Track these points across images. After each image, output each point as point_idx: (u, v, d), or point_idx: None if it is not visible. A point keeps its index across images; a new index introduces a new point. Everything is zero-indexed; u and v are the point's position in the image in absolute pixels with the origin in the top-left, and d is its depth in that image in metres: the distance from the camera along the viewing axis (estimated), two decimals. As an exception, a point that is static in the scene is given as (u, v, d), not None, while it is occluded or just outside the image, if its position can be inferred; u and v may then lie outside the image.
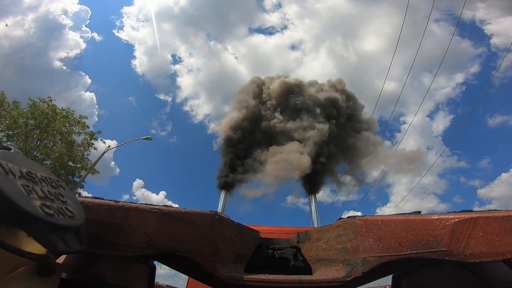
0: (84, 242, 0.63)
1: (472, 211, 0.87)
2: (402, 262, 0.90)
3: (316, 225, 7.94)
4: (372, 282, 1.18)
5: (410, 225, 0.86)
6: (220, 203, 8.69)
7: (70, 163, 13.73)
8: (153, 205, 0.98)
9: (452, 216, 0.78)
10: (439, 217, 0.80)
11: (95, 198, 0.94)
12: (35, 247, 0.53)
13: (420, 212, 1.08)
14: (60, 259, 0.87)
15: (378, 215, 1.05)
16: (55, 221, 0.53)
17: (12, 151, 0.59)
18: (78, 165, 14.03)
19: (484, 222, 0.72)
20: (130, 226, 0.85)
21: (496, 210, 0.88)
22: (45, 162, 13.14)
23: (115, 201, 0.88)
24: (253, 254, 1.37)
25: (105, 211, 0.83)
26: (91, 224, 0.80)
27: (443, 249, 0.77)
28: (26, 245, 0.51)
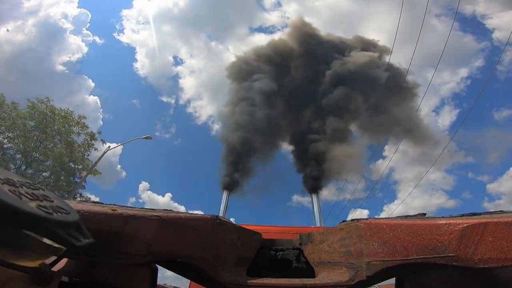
0: (88, 235, 0.62)
1: (479, 213, 0.85)
2: (408, 267, 0.89)
3: (319, 225, 7.92)
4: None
5: (416, 230, 0.84)
6: (222, 204, 8.68)
7: (71, 164, 13.74)
8: (152, 210, 0.97)
9: (461, 221, 0.75)
10: (447, 221, 0.78)
11: (94, 203, 0.92)
12: (28, 260, 0.51)
13: (426, 214, 1.06)
14: (60, 265, 0.86)
15: (383, 218, 1.03)
16: (57, 218, 0.51)
17: None
18: (79, 166, 14.04)
19: (494, 227, 0.70)
20: (129, 234, 0.83)
21: (504, 212, 0.86)
22: (45, 163, 13.16)
23: (113, 208, 0.86)
24: (255, 256, 1.36)
25: (102, 219, 0.81)
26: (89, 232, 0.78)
27: (451, 254, 0.75)
28: (18, 259, 0.50)
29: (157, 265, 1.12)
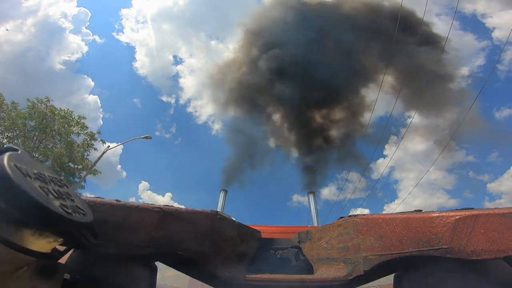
0: (97, 236, 0.65)
1: (473, 208, 0.88)
2: (404, 260, 0.91)
3: (316, 224, 7.95)
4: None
5: (411, 223, 0.86)
6: (220, 204, 8.67)
7: (70, 164, 13.71)
8: (154, 204, 0.98)
9: (453, 214, 0.77)
10: (440, 214, 0.80)
11: (97, 198, 0.94)
12: (40, 246, 0.53)
13: (421, 210, 1.08)
14: (63, 260, 0.87)
15: (379, 214, 1.05)
16: (75, 219, 0.55)
17: (19, 152, 0.59)
18: (79, 166, 14.01)
19: (485, 219, 0.72)
20: (132, 225, 0.85)
21: (497, 208, 0.88)
22: (45, 163, 13.13)
23: (117, 200, 0.88)
24: (254, 256, 1.38)
25: (107, 209, 0.83)
26: (93, 222, 0.80)
27: (445, 246, 0.77)
28: (31, 244, 0.52)
29: (156, 265, 1.13)
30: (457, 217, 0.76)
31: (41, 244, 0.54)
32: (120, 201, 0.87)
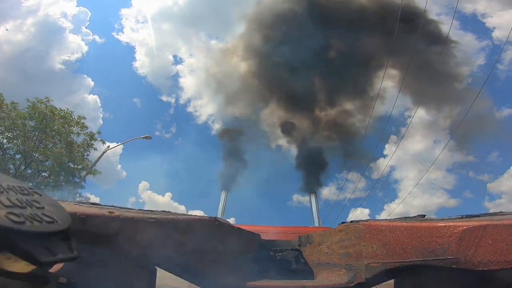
0: (75, 247, 0.56)
1: (479, 215, 0.85)
2: (407, 269, 0.88)
3: (317, 225, 7.98)
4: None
5: (416, 232, 0.84)
6: (221, 204, 8.73)
7: (70, 164, 13.74)
8: (151, 211, 0.96)
9: (460, 223, 0.75)
10: (447, 224, 0.77)
11: (92, 204, 0.92)
12: (19, 266, 0.49)
13: (425, 215, 1.06)
14: (59, 266, 0.85)
15: (382, 220, 1.03)
16: (28, 229, 0.47)
17: None
18: (79, 166, 14.04)
19: (494, 230, 0.70)
20: (127, 237, 0.83)
21: (504, 213, 0.85)
22: (45, 163, 13.18)
23: (110, 211, 0.85)
24: (254, 257, 1.36)
25: (99, 222, 0.80)
26: (85, 235, 0.77)
27: (450, 257, 0.75)
28: (9, 265, 0.46)
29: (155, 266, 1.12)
30: (465, 227, 0.74)
31: (19, 263, 0.49)
32: (113, 212, 0.84)
